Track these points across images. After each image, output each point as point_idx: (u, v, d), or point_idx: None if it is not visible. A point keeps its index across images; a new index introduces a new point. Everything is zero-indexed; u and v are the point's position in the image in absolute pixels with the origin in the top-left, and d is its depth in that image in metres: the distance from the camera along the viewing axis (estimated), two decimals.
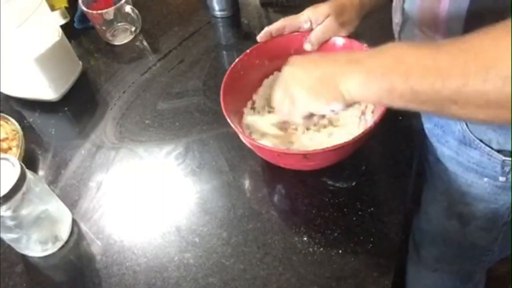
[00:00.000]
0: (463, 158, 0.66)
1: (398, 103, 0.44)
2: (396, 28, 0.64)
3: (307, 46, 0.72)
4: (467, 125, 0.62)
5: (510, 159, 0.60)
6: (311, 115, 0.55)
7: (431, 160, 0.74)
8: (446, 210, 0.76)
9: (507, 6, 0.45)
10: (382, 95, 0.45)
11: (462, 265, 0.87)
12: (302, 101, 0.53)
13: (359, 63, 0.47)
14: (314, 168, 0.66)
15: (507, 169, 0.62)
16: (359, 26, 0.73)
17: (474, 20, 0.50)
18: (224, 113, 0.64)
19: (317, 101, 0.52)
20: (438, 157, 0.71)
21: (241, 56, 0.71)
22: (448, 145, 0.67)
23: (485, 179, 0.65)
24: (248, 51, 0.72)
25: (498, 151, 0.60)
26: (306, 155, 0.60)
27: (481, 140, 0.61)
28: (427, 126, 0.71)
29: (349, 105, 0.50)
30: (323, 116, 0.56)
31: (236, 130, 0.63)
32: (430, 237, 0.85)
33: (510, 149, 0.60)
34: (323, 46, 0.72)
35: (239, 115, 0.72)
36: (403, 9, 0.60)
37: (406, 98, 0.43)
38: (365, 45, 0.68)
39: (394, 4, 0.64)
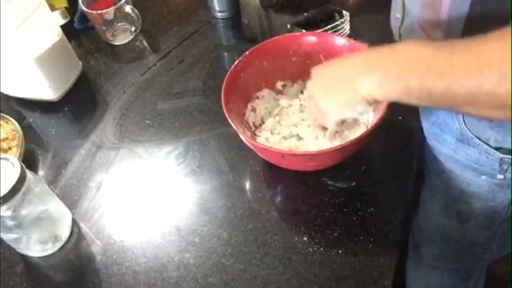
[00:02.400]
0: (461, 156, 0.66)
1: (416, 102, 0.46)
2: (395, 23, 0.64)
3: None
4: (465, 123, 0.62)
5: (508, 156, 0.61)
6: (343, 121, 0.58)
7: (429, 158, 0.74)
8: (444, 208, 0.77)
9: (507, 10, 0.45)
10: (399, 95, 0.46)
11: (461, 263, 0.87)
12: (330, 112, 0.57)
13: (375, 64, 0.48)
14: (316, 168, 0.66)
15: (505, 166, 0.62)
16: (359, 26, 0.73)
17: (475, 19, 0.50)
18: (226, 114, 0.64)
19: (343, 108, 0.54)
20: (436, 155, 0.71)
21: (240, 58, 0.71)
22: (446, 144, 0.67)
23: (483, 177, 0.66)
24: (247, 52, 0.72)
25: (496, 148, 0.61)
26: (311, 156, 0.60)
27: (479, 138, 0.62)
28: (425, 125, 0.72)
29: (373, 104, 0.53)
30: (355, 119, 0.59)
31: (238, 132, 0.63)
32: (429, 235, 0.85)
33: (508, 146, 0.60)
34: (324, 46, 0.72)
35: (241, 116, 0.72)
36: (403, 3, 0.60)
37: (422, 99, 0.45)
38: (366, 45, 0.68)
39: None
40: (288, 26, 0.88)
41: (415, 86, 0.44)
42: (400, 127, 0.73)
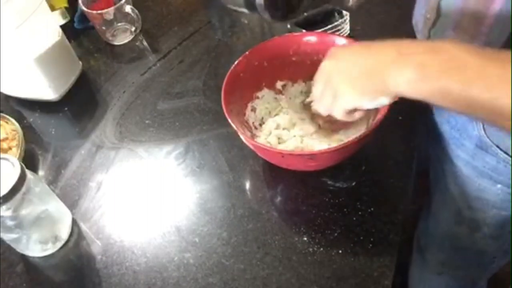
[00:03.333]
0: (478, 163, 0.65)
1: (448, 106, 0.43)
2: (424, 23, 0.61)
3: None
4: (484, 131, 0.61)
5: None
6: (354, 110, 0.52)
7: (444, 162, 0.72)
8: (456, 215, 0.75)
9: None
10: (433, 96, 0.43)
11: (468, 270, 0.86)
12: (346, 96, 0.51)
13: (412, 58, 0.44)
14: (316, 168, 0.66)
15: None
16: (359, 26, 0.73)
17: None
18: (226, 115, 0.64)
19: (363, 96, 0.49)
20: (453, 160, 0.70)
21: (240, 58, 0.71)
22: (464, 149, 0.66)
23: (499, 185, 0.64)
24: (247, 52, 0.72)
25: None
26: (311, 156, 0.60)
27: (498, 147, 0.60)
28: (444, 127, 0.70)
29: (396, 99, 0.48)
30: (365, 111, 0.53)
31: (238, 132, 0.63)
32: (438, 241, 0.84)
33: None
34: (324, 46, 0.72)
35: (241, 116, 0.72)
36: (439, 6, 0.56)
37: (460, 105, 0.42)
38: None
39: None
40: (288, 26, 0.88)
41: (456, 91, 0.40)
42: (400, 127, 0.73)
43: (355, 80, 0.49)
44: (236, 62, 0.70)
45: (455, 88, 0.41)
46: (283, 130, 0.71)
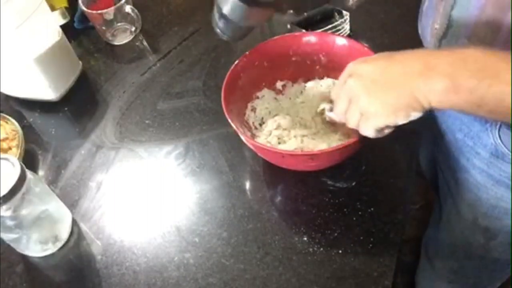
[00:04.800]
0: (494, 171, 0.64)
1: (479, 114, 0.42)
2: (433, 33, 0.59)
3: None
4: (500, 139, 0.60)
5: None
6: (385, 127, 0.51)
7: (458, 171, 0.71)
8: (471, 223, 0.74)
9: None
10: (466, 107, 0.42)
11: (480, 278, 0.85)
12: (378, 117, 0.49)
13: (440, 69, 0.43)
14: (316, 168, 0.66)
15: None
16: (359, 26, 0.73)
17: None
18: (226, 115, 0.64)
19: (395, 115, 0.48)
20: (467, 168, 0.68)
21: (240, 58, 0.71)
22: (479, 157, 0.65)
23: None
24: (247, 52, 0.72)
25: None
26: (311, 156, 0.60)
27: None
28: (457, 136, 0.69)
29: (427, 111, 0.47)
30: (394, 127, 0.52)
31: (238, 132, 0.63)
32: (450, 249, 0.82)
33: None
34: (324, 46, 0.72)
35: (241, 116, 0.72)
36: (450, 15, 0.55)
37: (494, 115, 0.41)
38: (365, 45, 0.68)
39: (428, 6, 0.61)
40: (288, 26, 0.88)
41: (492, 101, 0.39)
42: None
43: (386, 101, 0.47)
44: (236, 62, 0.70)
45: (491, 98, 0.39)
46: (283, 131, 0.71)
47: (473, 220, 0.73)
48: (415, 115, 0.47)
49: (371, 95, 0.49)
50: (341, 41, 0.71)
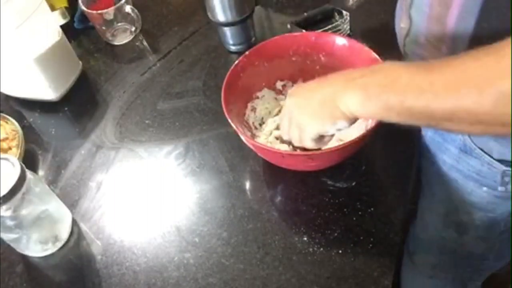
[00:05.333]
0: (463, 167, 0.65)
1: (396, 119, 0.46)
2: (401, 33, 0.63)
3: None
4: (468, 134, 0.61)
5: (510, 169, 0.60)
6: (321, 137, 0.57)
7: (430, 167, 0.73)
8: (443, 218, 0.76)
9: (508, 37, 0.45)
10: (380, 112, 0.47)
11: (457, 273, 0.86)
12: (309, 127, 0.55)
13: (356, 82, 0.48)
14: (316, 168, 0.66)
15: (507, 179, 0.61)
16: (359, 26, 0.73)
17: (480, 36, 0.50)
18: (226, 115, 0.64)
19: (322, 124, 0.54)
20: (438, 164, 0.70)
21: (240, 58, 0.71)
22: (449, 153, 0.67)
23: (484, 188, 0.65)
24: (247, 52, 0.72)
25: (499, 160, 0.60)
26: (311, 156, 0.60)
27: (482, 149, 0.61)
28: (427, 133, 0.71)
29: (353, 121, 0.52)
30: (332, 135, 0.58)
31: (238, 132, 0.63)
32: (426, 244, 0.84)
33: (509, 159, 0.59)
34: (324, 46, 0.72)
35: (241, 116, 0.72)
36: (409, 14, 0.59)
37: (403, 115, 0.45)
38: (365, 45, 0.68)
39: (398, 6, 0.63)
40: (288, 26, 0.88)
41: (396, 104, 0.44)
42: (400, 127, 0.72)
43: (313, 111, 0.54)
44: (236, 62, 0.70)
45: (394, 101, 0.44)
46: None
47: (445, 215, 0.75)
48: (342, 123, 0.52)
49: (301, 109, 0.56)
50: (341, 41, 0.71)
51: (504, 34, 0.40)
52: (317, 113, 0.53)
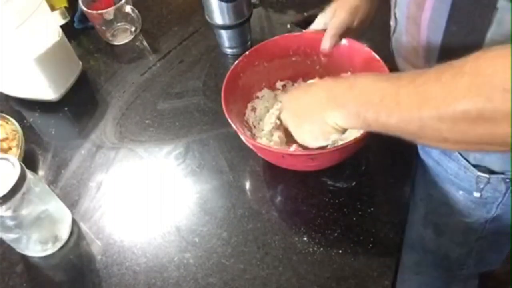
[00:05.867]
0: (442, 169, 0.66)
1: (379, 131, 0.48)
2: (391, 30, 0.64)
3: (325, 44, 0.70)
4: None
5: (485, 175, 0.60)
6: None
7: (417, 167, 0.74)
8: (423, 218, 0.77)
9: (479, 34, 0.47)
10: (363, 126, 0.51)
11: (439, 273, 0.87)
12: (308, 142, 0.59)
13: (337, 101, 0.51)
14: (316, 168, 0.66)
15: (481, 185, 0.62)
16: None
17: (450, 40, 0.51)
18: (226, 115, 0.64)
19: (317, 139, 0.57)
20: (422, 164, 0.71)
21: (240, 58, 0.71)
22: (430, 154, 0.68)
23: (461, 192, 0.66)
24: (247, 52, 0.72)
25: (474, 165, 0.60)
26: (312, 156, 0.60)
27: (459, 153, 0.61)
28: None
29: (345, 131, 0.54)
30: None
31: (238, 132, 0.63)
32: (410, 242, 0.85)
33: (485, 165, 0.60)
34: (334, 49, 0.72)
35: (241, 116, 0.72)
36: (395, 13, 0.60)
37: (381, 130, 0.47)
38: (365, 45, 0.68)
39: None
40: (288, 26, 0.88)
41: (372, 121, 0.47)
42: None
43: (305, 128, 0.57)
44: (236, 62, 0.70)
45: (370, 118, 0.47)
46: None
47: (425, 215, 0.76)
48: (334, 136, 0.55)
49: (295, 127, 0.59)
50: (342, 42, 0.71)
51: (472, 39, 0.42)
52: (310, 132, 0.56)
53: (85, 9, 0.93)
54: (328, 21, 0.70)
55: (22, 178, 0.58)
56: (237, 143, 0.73)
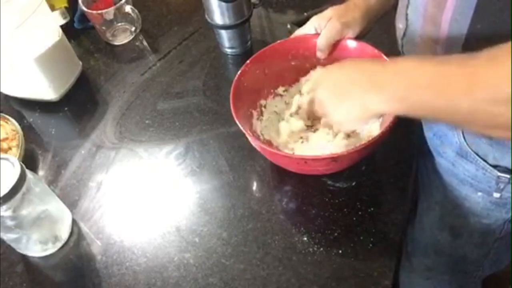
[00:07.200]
0: (459, 171, 0.65)
1: (424, 117, 0.49)
2: (399, 33, 0.64)
3: (319, 54, 0.72)
4: (464, 138, 0.62)
5: (506, 175, 0.59)
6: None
7: (429, 168, 0.73)
8: (439, 220, 0.76)
9: (506, 30, 0.46)
10: (407, 111, 0.48)
11: (453, 276, 0.86)
12: (344, 124, 0.58)
13: (380, 85, 0.50)
14: (335, 171, 0.65)
15: (502, 185, 0.61)
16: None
17: (475, 37, 0.50)
18: (236, 120, 0.63)
19: (355, 122, 0.56)
20: (435, 166, 0.70)
21: (242, 68, 0.69)
22: (446, 156, 0.67)
23: (479, 193, 0.65)
24: (248, 61, 0.70)
25: (494, 166, 0.60)
26: (334, 159, 0.59)
27: (477, 154, 0.61)
28: (427, 135, 0.71)
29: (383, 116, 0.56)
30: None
31: (248, 136, 0.63)
32: (423, 246, 0.84)
33: (506, 165, 0.59)
34: (336, 50, 0.72)
35: (248, 121, 0.71)
36: (406, 14, 0.59)
37: (428, 115, 0.47)
38: (376, 49, 0.68)
39: (398, 9, 0.63)
40: (288, 26, 0.88)
41: (419, 105, 0.46)
42: (400, 128, 0.72)
43: (346, 109, 0.55)
44: (239, 72, 0.69)
45: (418, 102, 0.46)
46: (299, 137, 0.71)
47: (441, 217, 0.75)
48: (373, 121, 0.56)
49: (335, 106, 0.57)
50: (353, 44, 0.70)
51: (498, 36, 0.41)
52: (350, 114, 0.55)
53: (85, 9, 0.93)
54: (318, 27, 0.70)
55: (22, 178, 0.58)
56: (237, 143, 0.73)
